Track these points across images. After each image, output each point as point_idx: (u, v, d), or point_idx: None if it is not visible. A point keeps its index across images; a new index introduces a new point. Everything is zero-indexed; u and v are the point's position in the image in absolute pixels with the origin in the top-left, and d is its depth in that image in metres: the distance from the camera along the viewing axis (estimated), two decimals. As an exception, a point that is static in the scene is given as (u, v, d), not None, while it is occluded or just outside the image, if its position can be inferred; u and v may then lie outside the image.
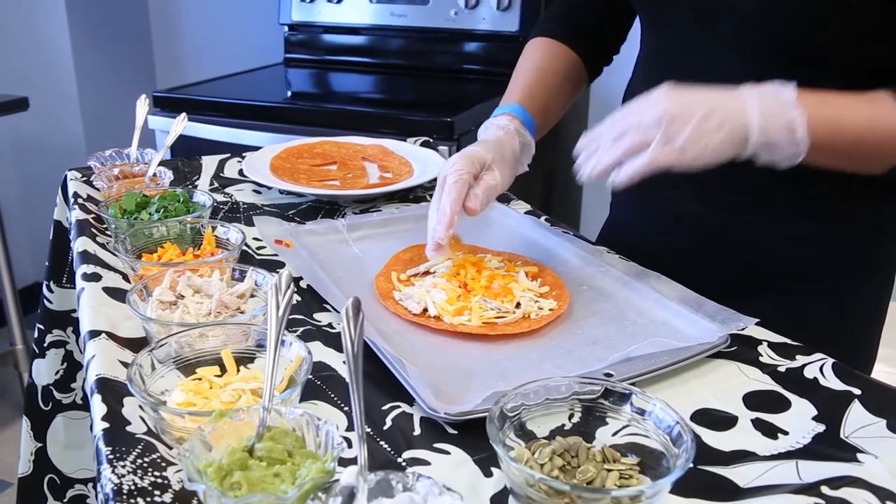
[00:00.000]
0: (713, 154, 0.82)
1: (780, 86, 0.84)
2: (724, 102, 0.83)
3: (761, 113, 0.82)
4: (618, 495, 0.58)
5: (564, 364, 0.83)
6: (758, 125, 0.82)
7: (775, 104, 0.83)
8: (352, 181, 1.36)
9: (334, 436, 0.61)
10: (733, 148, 0.83)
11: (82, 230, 1.12)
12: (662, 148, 0.82)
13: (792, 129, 0.82)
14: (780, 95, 0.83)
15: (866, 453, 0.70)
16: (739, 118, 0.82)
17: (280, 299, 0.70)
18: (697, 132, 0.81)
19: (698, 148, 0.82)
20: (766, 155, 0.84)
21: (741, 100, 0.83)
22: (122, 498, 0.61)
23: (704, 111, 0.82)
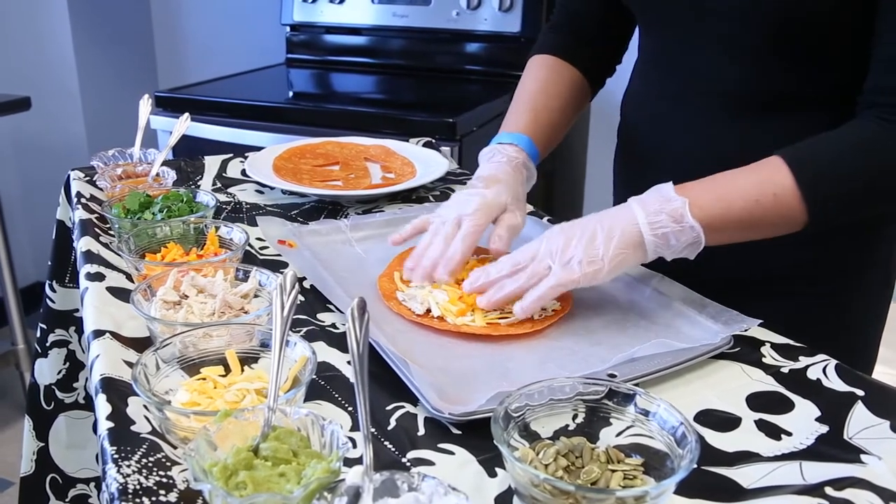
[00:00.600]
0: (614, 263, 0.86)
1: (659, 186, 0.89)
2: (610, 216, 0.88)
3: (645, 211, 0.87)
4: (622, 496, 0.58)
5: (568, 365, 0.83)
6: (645, 223, 0.86)
7: (656, 201, 0.87)
8: (354, 182, 1.36)
9: (339, 436, 0.61)
10: (632, 251, 0.87)
11: (86, 230, 1.13)
12: (561, 270, 0.87)
13: (678, 218, 0.86)
14: (660, 193, 0.88)
15: (870, 454, 0.70)
16: (626, 222, 0.87)
17: (285, 299, 0.70)
18: (590, 247, 0.86)
19: (597, 261, 0.86)
20: (669, 250, 0.88)
21: (625, 208, 0.89)
22: (127, 497, 0.61)
23: (591, 228, 0.87)
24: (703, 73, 1.01)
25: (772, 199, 0.86)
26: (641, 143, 1.14)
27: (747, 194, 0.87)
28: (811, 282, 1.04)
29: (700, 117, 1.03)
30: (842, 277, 1.04)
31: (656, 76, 1.11)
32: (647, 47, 1.13)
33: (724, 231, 0.88)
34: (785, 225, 0.89)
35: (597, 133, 2.57)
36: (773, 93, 0.97)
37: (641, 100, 1.15)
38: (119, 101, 2.96)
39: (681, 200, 0.86)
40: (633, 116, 1.17)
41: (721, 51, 0.98)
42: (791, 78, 0.95)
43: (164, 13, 3.14)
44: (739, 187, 0.87)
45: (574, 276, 0.86)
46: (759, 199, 0.86)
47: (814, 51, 0.93)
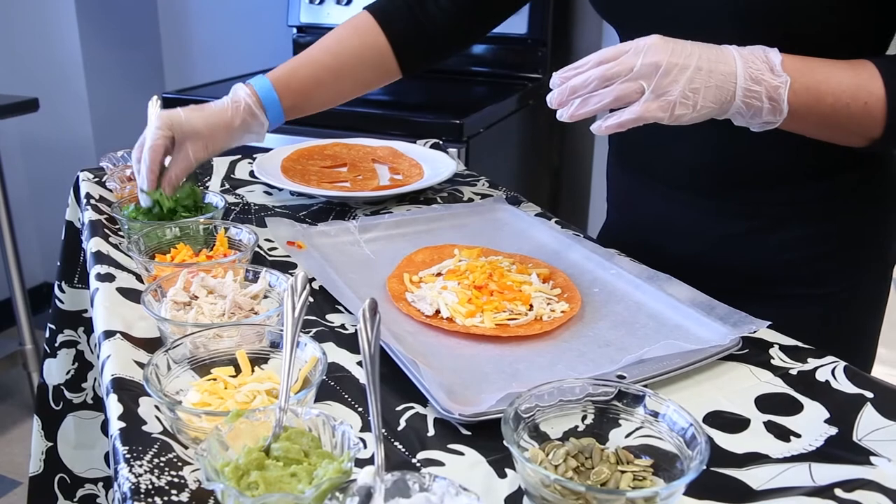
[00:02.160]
0: (698, 113, 0.82)
1: (766, 50, 0.84)
2: (713, 61, 0.82)
3: (747, 75, 0.82)
4: (633, 496, 0.58)
5: (577, 366, 0.83)
6: (742, 87, 0.82)
7: (761, 68, 0.83)
8: (362, 183, 1.36)
9: (350, 436, 0.61)
10: (716, 108, 0.83)
11: (95, 231, 1.13)
12: (653, 101, 0.81)
13: (774, 96, 0.82)
14: (767, 59, 0.83)
15: (879, 456, 0.70)
16: (727, 79, 0.82)
17: (296, 300, 0.70)
18: (687, 89, 0.81)
19: (687, 105, 0.81)
20: (743, 118, 0.84)
21: (729, 60, 0.83)
22: (139, 497, 0.62)
23: (695, 68, 0.81)
24: None
25: (862, 106, 0.84)
26: (634, 147, 1.14)
27: (842, 94, 0.84)
28: (808, 283, 1.04)
29: None
30: (839, 277, 1.05)
31: None
32: None
33: (802, 122, 0.85)
34: (857, 135, 0.87)
35: (602, 134, 2.57)
36: None
37: None
38: (126, 103, 2.97)
39: (784, 78, 0.82)
40: None
41: None
42: None
43: (172, 15, 3.15)
44: (835, 83, 0.84)
45: (662, 115, 0.81)
46: (850, 102, 0.84)
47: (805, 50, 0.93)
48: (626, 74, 0.81)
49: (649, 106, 0.81)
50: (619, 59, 0.82)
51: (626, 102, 0.82)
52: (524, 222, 1.21)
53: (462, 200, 1.34)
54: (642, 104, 0.81)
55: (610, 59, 0.82)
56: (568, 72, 0.85)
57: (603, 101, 0.82)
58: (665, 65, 0.80)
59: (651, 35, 0.83)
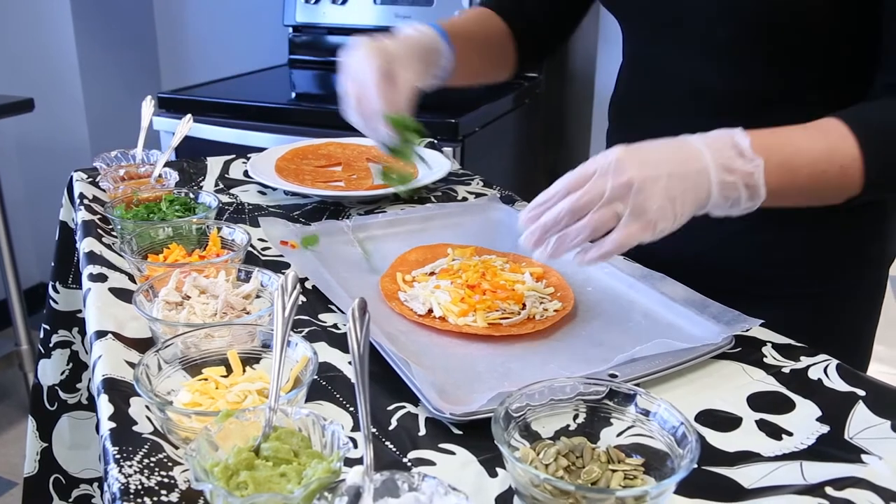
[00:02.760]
0: (678, 223, 0.78)
1: (732, 134, 0.80)
2: (683, 162, 0.78)
3: (718, 167, 0.78)
4: (622, 495, 0.58)
5: (569, 365, 0.83)
6: (717, 182, 0.78)
7: (730, 155, 0.79)
8: (356, 182, 1.36)
9: (340, 436, 0.61)
10: (694, 211, 0.79)
11: (88, 231, 1.13)
12: (632, 224, 0.76)
13: (751, 183, 0.79)
14: (735, 144, 0.79)
15: (871, 454, 0.70)
16: (700, 177, 0.78)
17: (286, 300, 0.70)
18: (664, 201, 0.76)
19: (667, 217, 0.77)
20: (722, 209, 0.80)
21: (697, 155, 0.78)
22: (129, 497, 0.62)
23: (667, 176, 0.76)
24: (685, 75, 1.01)
25: (839, 170, 0.81)
26: None
27: (816, 164, 0.81)
28: (804, 283, 1.04)
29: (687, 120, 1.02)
30: (835, 277, 1.05)
31: (641, 81, 1.11)
32: (630, 50, 1.14)
33: (780, 198, 0.82)
34: (837, 196, 0.85)
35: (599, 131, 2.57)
36: (754, 94, 0.97)
37: (627, 105, 1.15)
38: (122, 103, 2.97)
39: (757, 162, 0.78)
40: (619, 121, 1.18)
41: (702, 53, 0.98)
42: (772, 79, 0.96)
43: (167, 15, 3.15)
44: (809, 153, 0.81)
45: (645, 235, 0.77)
46: (826, 169, 0.81)
47: (794, 51, 0.93)
48: (598, 201, 0.76)
49: (630, 230, 0.77)
50: (586, 186, 0.77)
51: (605, 232, 0.78)
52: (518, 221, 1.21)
53: (456, 200, 1.34)
54: (622, 230, 0.77)
55: (577, 187, 0.78)
56: (535, 209, 0.81)
57: (580, 236, 0.78)
58: (637, 182, 0.75)
59: (613, 147, 0.79)
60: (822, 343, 0.88)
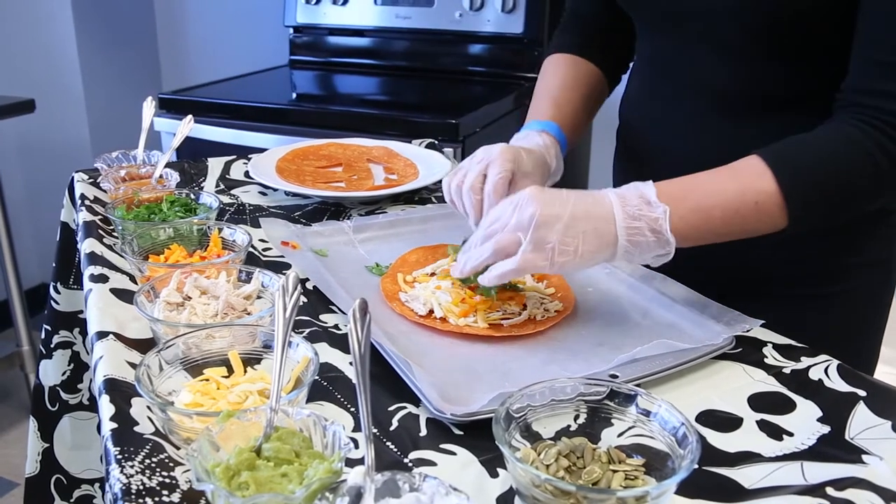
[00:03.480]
0: (582, 259, 0.82)
1: (640, 185, 0.85)
2: (589, 205, 0.83)
3: (624, 214, 0.83)
4: (623, 496, 0.58)
5: (570, 365, 0.83)
6: (622, 227, 0.82)
7: (637, 204, 0.83)
8: (357, 183, 1.36)
9: (341, 436, 0.61)
10: (601, 252, 0.83)
11: (89, 232, 1.13)
12: (531, 251, 0.82)
13: (656, 229, 0.83)
14: (642, 194, 0.84)
15: (871, 455, 0.70)
16: (605, 220, 0.83)
17: (287, 301, 0.70)
18: (565, 237, 0.81)
19: (568, 252, 0.82)
20: (636, 258, 0.85)
21: (605, 203, 0.84)
22: (130, 497, 0.62)
23: (570, 216, 0.82)
24: (697, 74, 1.01)
25: (753, 207, 0.84)
26: (639, 146, 1.15)
27: (727, 204, 0.84)
28: (811, 283, 1.04)
29: (695, 118, 1.03)
30: (842, 278, 1.04)
31: (651, 78, 1.11)
32: (642, 49, 1.14)
33: (698, 240, 0.86)
34: (762, 230, 0.87)
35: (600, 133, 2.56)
36: (765, 93, 0.97)
37: (638, 101, 1.15)
38: (122, 104, 2.97)
39: (662, 209, 0.83)
40: (630, 118, 1.18)
41: (713, 51, 0.98)
42: (782, 77, 0.96)
43: (168, 15, 3.15)
44: (720, 195, 0.85)
45: (542, 264, 0.82)
46: (739, 208, 0.84)
47: (804, 50, 0.93)
48: (502, 229, 0.84)
49: (527, 256, 0.82)
50: (499, 216, 0.85)
51: (507, 255, 0.83)
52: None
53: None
54: (521, 254, 0.82)
55: (493, 219, 0.86)
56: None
57: (482, 255, 0.85)
58: (538, 216, 0.81)
59: (527, 188, 0.85)
60: (828, 344, 0.88)
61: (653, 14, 1.04)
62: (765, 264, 1.04)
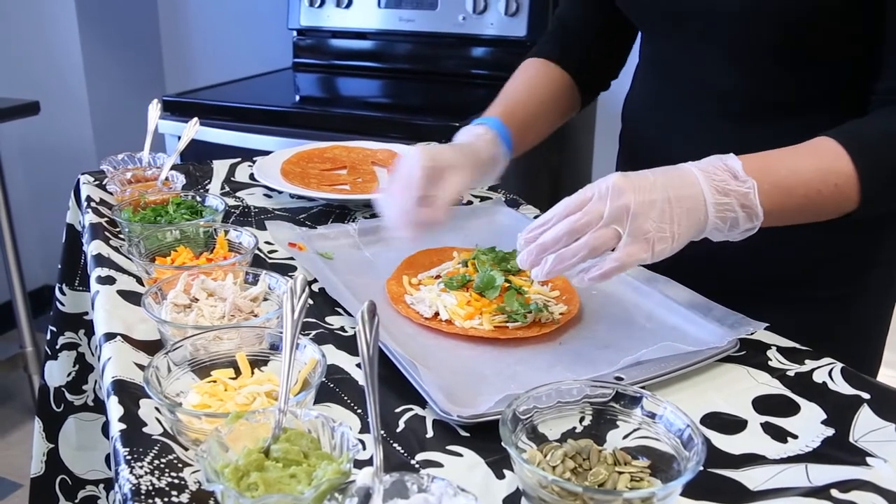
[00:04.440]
0: (677, 243, 0.80)
1: (724, 158, 0.82)
2: (678, 187, 0.80)
3: (712, 189, 0.80)
4: (629, 497, 0.59)
5: (575, 368, 0.84)
6: (712, 203, 0.79)
7: (724, 178, 0.81)
8: (362, 185, 1.37)
9: (349, 437, 0.62)
10: (693, 232, 0.80)
11: (96, 234, 1.14)
12: (632, 244, 0.78)
13: (746, 203, 0.80)
14: (728, 167, 0.81)
15: (876, 457, 0.70)
16: (696, 200, 0.79)
17: (295, 303, 0.71)
18: (661, 223, 0.78)
19: (665, 238, 0.78)
20: (721, 233, 0.82)
21: (691, 180, 0.80)
22: (140, 498, 0.62)
23: (662, 200, 0.78)
24: (703, 78, 1.02)
25: (833, 189, 0.83)
26: (643, 150, 1.15)
27: (810, 183, 0.83)
28: (815, 286, 1.05)
29: (699, 122, 1.03)
30: (845, 281, 1.05)
31: (657, 81, 1.12)
32: (647, 53, 1.14)
33: (779, 218, 0.83)
34: (835, 213, 0.86)
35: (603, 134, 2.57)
36: (773, 97, 0.97)
37: (641, 106, 1.16)
38: (126, 106, 2.98)
39: (750, 182, 0.80)
40: (633, 122, 1.18)
41: (721, 56, 0.98)
42: (791, 82, 0.96)
43: (172, 18, 3.16)
44: (803, 173, 0.83)
45: (645, 255, 0.78)
46: (821, 188, 0.83)
47: (813, 55, 0.93)
48: (597, 223, 0.78)
49: (630, 250, 0.78)
50: (585, 208, 0.79)
51: (603, 251, 0.79)
52: (523, 224, 1.21)
53: (461, 203, 1.34)
54: (623, 249, 0.78)
55: (575, 210, 0.80)
56: (533, 231, 0.82)
57: (579, 254, 0.79)
58: (634, 205, 0.77)
59: (610, 175, 0.80)
60: (832, 347, 0.89)
61: (656, 17, 1.05)
62: (770, 268, 1.04)
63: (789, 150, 0.85)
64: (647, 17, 1.08)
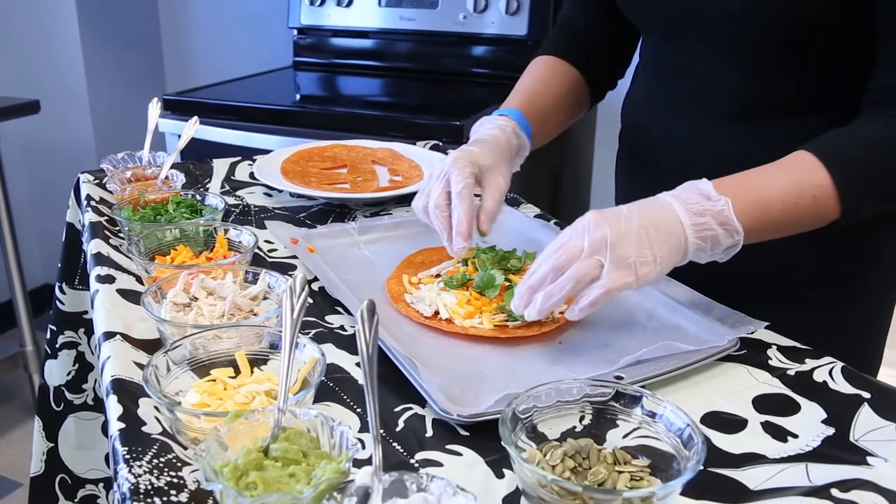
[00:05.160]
0: (661, 266, 0.81)
1: (695, 183, 0.84)
2: (652, 215, 0.82)
3: (688, 212, 0.82)
4: (629, 496, 0.58)
5: (574, 367, 0.83)
6: (689, 225, 0.81)
7: (698, 200, 0.83)
8: (362, 184, 1.36)
9: (348, 437, 0.62)
10: (675, 255, 0.82)
11: (96, 232, 1.13)
12: (615, 270, 0.80)
13: (723, 220, 0.82)
14: (700, 190, 0.83)
15: (876, 456, 0.70)
16: (673, 224, 0.82)
17: (295, 302, 0.71)
18: (640, 249, 0.80)
19: (648, 262, 0.80)
20: (706, 253, 0.84)
21: (665, 206, 0.83)
22: (139, 497, 0.62)
23: (639, 227, 0.81)
24: (704, 79, 1.02)
25: (811, 200, 0.84)
26: (643, 150, 1.15)
27: (786, 197, 0.84)
28: (815, 285, 1.04)
29: (700, 123, 1.03)
30: (846, 281, 1.05)
31: (657, 82, 1.12)
32: (647, 54, 1.14)
33: (760, 234, 0.85)
34: (817, 223, 0.87)
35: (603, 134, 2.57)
36: (774, 98, 0.97)
37: (642, 105, 1.16)
38: (126, 105, 2.98)
39: (724, 200, 0.82)
40: (633, 122, 1.18)
41: (721, 57, 0.98)
42: (791, 83, 0.96)
43: (172, 16, 3.15)
44: (778, 188, 0.85)
45: (629, 280, 0.80)
46: (798, 201, 0.84)
47: (814, 56, 0.93)
48: (578, 256, 0.81)
49: (615, 276, 0.80)
50: (565, 245, 0.82)
51: (588, 281, 0.81)
52: (523, 224, 1.21)
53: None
54: (608, 276, 0.80)
55: (556, 251, 0.83)
56: (524, 282, 0.85)
57: (565, 287, 0.81)
58: (611, 236, 0.80)
59: (586, 214, 0.83)
60: (832, 346, 0.89)
61: (657, 17, 1.05)
62: (771, 267, 1.04)
63: (764, 168, 0.87)
64: (647, 18, 1.08)
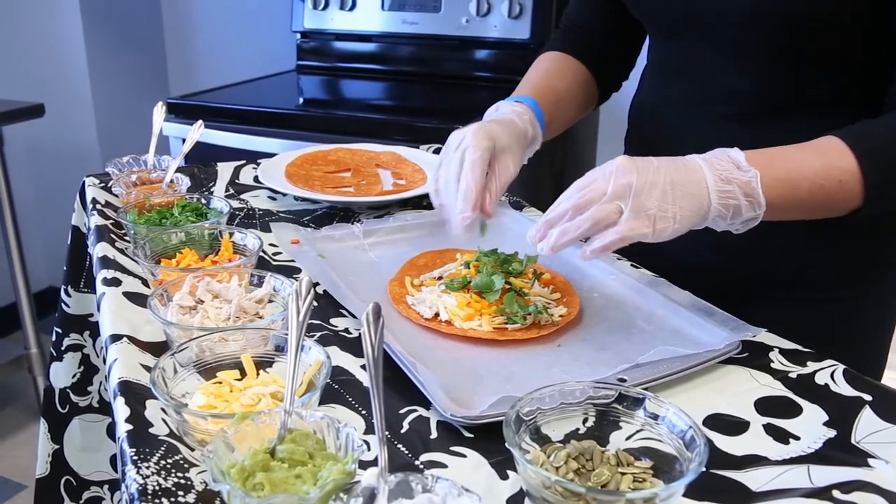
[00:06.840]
0: (679, 224, 0.82)
1: (727, 150, 0.84)
2: (680, 171, 0.82)
3: (716, 178, 0.82)
4: (632, 497, 0.59)
5: (572, 370, 0.84)
6: (714, 190, 0.82)
7: (727, 168, 0.83)
8: (366, 188, 1.37)
9: (354, 438, 0.62)
10: (695, 217, 0.82)
11: (101, 236, 1.14)
12: (634, 219, 0.80)
13: (749, 192, 0.82)
14: (731, 158, 0.83)
15: (877, 458, 0.71)
16: (698, 185, 0.82)
17: (300, 304, 0.71)
18: (663, 203, 0.80)
19: (667, 217, 0.81)
20: (725, 222, 0.84)
21: (695, 167, 0.83)
22: (147, 498, 0.63)
23: (665, 181, 0.81)
24: (709, 80, 1.02)
25: (837, 185, 0.84)
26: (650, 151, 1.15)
27: (814, 178, 0.84)
28: (820, 288, 1.05)
29: (708, 124, 1.04)
30: (851, 284, 1.05)
31: (664, 84, 1.12)
32: (655, 55, 1.14)
33: (783, 211, 0.85)
34: (840, 209, 0.87)
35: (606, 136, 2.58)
36: (781, 99, 0.98)
37: (649, 107, 1.16)
38: (131, 108, 2.99)
39: (753, 172, 0.82)
40: (641, 124, 1.18)
41: (724, 58, 0.99)
42: (799, 84, 0.96)
43: (176, 20, 3.17)
44: (806, 169, 0.84)
45: (646, 230, 0.80)
46: (824, 184, 0.84)
47: (822, 57, 0.94)
48: (600, 199, 0.81)
49: (632, 224, 0.80)
50: (590, 185, 0.83)
51: (606, 225, 0.81)
52: (526, 227, 1.21)
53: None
54: (625, 223, 0.80)
55: (582, 189, 0.83)
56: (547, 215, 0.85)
57: (581, 227, 0.81)
58: (636, 183, 0.80)
59: (616, 158, 0.83)
60: (836, 348, 0.89)
61: (665, 18, 1.05)
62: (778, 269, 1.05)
63: (794, 147, 0.87)
64: (655, 19, 1.08)
